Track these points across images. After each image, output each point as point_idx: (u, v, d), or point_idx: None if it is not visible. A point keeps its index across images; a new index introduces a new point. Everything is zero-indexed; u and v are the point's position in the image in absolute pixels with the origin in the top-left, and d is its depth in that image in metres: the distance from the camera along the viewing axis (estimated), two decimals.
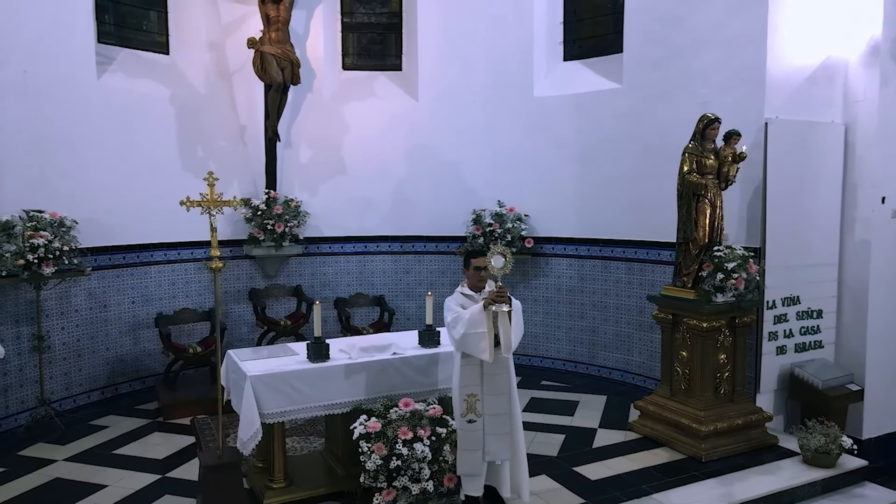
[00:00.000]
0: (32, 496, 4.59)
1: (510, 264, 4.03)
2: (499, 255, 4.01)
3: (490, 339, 3.96)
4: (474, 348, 3.97)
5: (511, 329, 3.96)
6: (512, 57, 7.78)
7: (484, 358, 3.98)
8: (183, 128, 7.32)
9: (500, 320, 3.95)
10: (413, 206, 8.18)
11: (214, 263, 4.24)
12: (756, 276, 5.26)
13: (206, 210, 4.30)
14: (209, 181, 4.35)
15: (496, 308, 3.91)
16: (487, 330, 3.95)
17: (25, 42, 5.94)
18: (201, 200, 4.31)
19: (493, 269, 4.00)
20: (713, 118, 5.35)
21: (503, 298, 3.93)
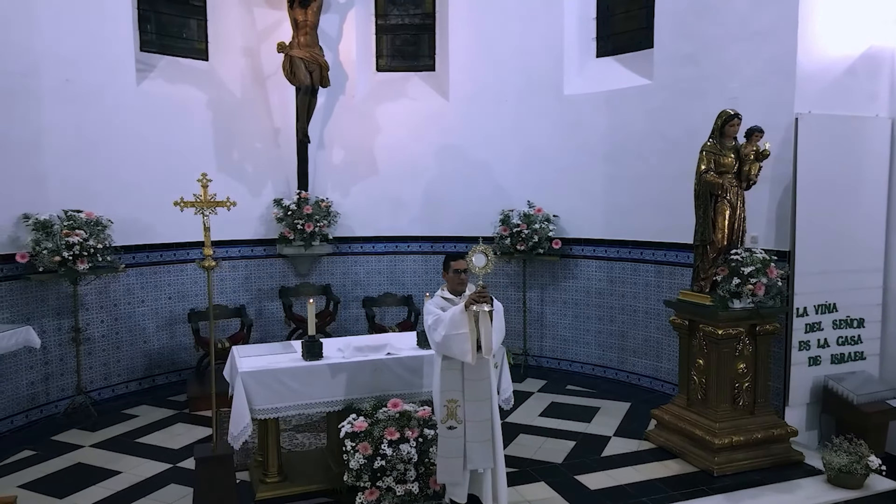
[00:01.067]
0: (52, 479, 4.89)
1: (492, 263, 3.97)
2: (480, 254, 3.95)
3: (473, 340, 3.90)
4: (457, 350, 3.92)
5: (494, 332, 3.89)
6: (542, 55, 7.64)
7: (466, 360, 3.93)
8: (219, 131, 7.61)
9: (481, 321, 3.88)
10: (443, 207, 8.18)
11: (208, 262, 4.37)
12: (778, 281, 4.95)
13: (200, 210, 4.39)
14: (203, 182, 4.46)
15: (477, 308, 3.85)
16: (469, 331, 3.89)
17: (68, 53, 6.32)
18: (195, 201, 4.39)
19: (474, 267, 3.94)
20: (732, 114, 5.08)
21: (485, 298, 3.87)
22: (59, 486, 4.76)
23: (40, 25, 6.09)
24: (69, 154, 6.37)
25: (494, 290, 7.90)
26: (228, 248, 7.75)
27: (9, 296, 5.91)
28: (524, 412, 6.30)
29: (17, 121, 5.96)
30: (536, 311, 7.94)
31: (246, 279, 7.89)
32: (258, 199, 7.89)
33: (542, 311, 7.92)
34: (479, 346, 3.92)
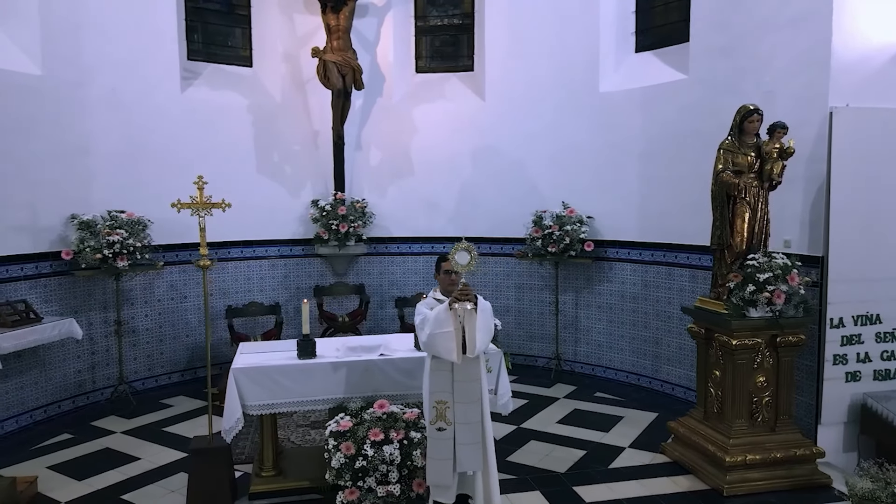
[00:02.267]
0: (78, 461, 5.24)
1: (475, 261, 3.90)
2: (463, 252, 3.89)
3: (457, 339, 3.86)
4: (442, 349, 3.88)
5: (476, 330, 3.82)
6: (578, 52, 7.44)
7: (452, 359, 3.89)
8: (259, 134, 7.90)
9: (466, 320, 3.83)
10: (478, 207, 8.13)
11: (203, 262, 4.54)
12: (800, 289, 4.57)
13: (196, 212, 4.55)
14: (199, 185, 4.61)
15: (459, 307, 3.81)
16: (455, 330, 3.85)
17: (115, 62, 6.75)
18: (191, 203, 4.57)
19: (456, 265, 3.90)
20: (751, 109, 4.75)
21: (467, 296, 3.81)
22: (82, 468, 5.09)
23: (88, 39, 6.53)
24: (115, 158, 6.79)
25: (529, 292, 7.87)
26: (268, 248, 8.03)
27: (58, 290, 6.38)
28: (542, 418, 6.16)
29: (67, 127, 6.43)
30: (571, 314, 7.73)
31: (285, 277, 8.15)
32: (297, 200, 8.12)
33: (577, 315, 7.70)
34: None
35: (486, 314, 3.89)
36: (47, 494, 4.63)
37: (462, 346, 3.86)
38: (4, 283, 5.88)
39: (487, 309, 3.92)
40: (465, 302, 3.76)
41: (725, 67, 6.04)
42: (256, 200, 7.83)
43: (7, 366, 5.83)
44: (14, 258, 5.97)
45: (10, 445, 5.60)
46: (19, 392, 6.02)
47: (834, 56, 4.97)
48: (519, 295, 8.08)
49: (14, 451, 5.47)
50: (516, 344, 8.14)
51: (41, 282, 6.22)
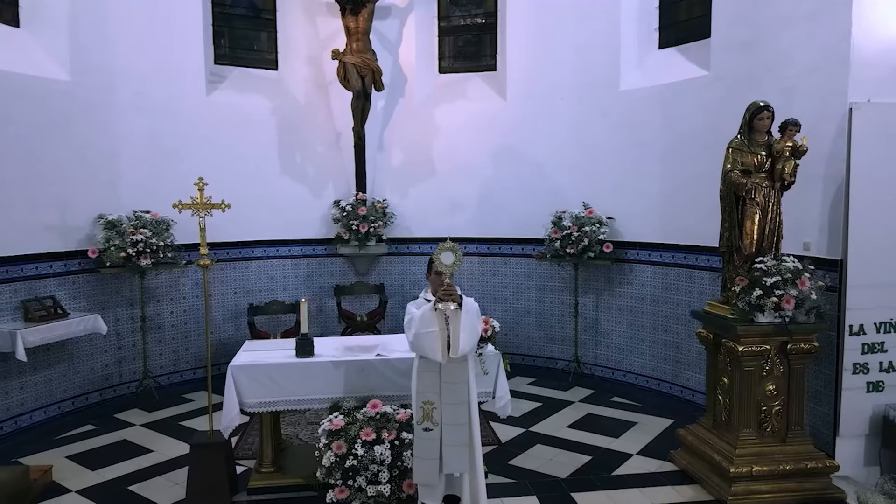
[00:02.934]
0: (96, 452, 5.45)
1: (460, 261, 3.88)
2: (448, 252, 3.88)
3: (442, 339, 3.84)
4: (427, 349, 3.88)
5: (460, 330, 3.79)
6: (599, 50, 7.30)
7: (437, 359, 3.88)
8: (284, 136, 8.05)
9: (451, 320, 3.81)
10: (499, 208, 8.08)
11: (203, 261, 4.64)
12: (811, 293, 4.36)
13: (196, 212, 4.66)
14: (199, 186, 4.72)
15: (443, 307, 3.79)
16: (440, 330, 3.84)
17: (142, 68, 6.99)
18: (192, 203, 4.68)
19: (440, 265, 3.88)
20: (761, 106, 4.56)
21: (450, 296, 3.80)
22: (97, 459, 5.29)
23: (116, 45, 6.78)
24: (142, 160, 7.03)
25: (550, 294, 7.78)
26: (291, 247, 8.18)
27: (86, 287, 6.65)
28: (553, 422, 6.07)
29: (96, 131, 6.69)
30: (591, 317, 7.60)
31: (308, 277, 8.28)
32: (319, 201, 8.24)
33: (597, 317, 7.56)
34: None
35: (472, 314, 3.85)
36: (61, 483, 4.83)
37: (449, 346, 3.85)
38: (35, 280, 6.16)
39: (473, 309, 3.88)
40: (448, 302, 3.74)
41: (746, 63, 5.82)
42: (280, 201, 8.00)
43: (36, 358, 6.12)
44: (44, 256, 6.25)
45: (37, 435, 5.87)
46: (48, 384, 6.30)
47: (854, 50, 4.73)
48: (540, 296, 7.99)
49: (39, 440, 5.73)
50: (536, 346, 8.05)
51: (70, 279, 6.49)
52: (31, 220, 6.14)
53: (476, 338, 3.87)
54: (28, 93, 6.09)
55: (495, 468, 5.02)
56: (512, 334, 8.18)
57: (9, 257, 5.92)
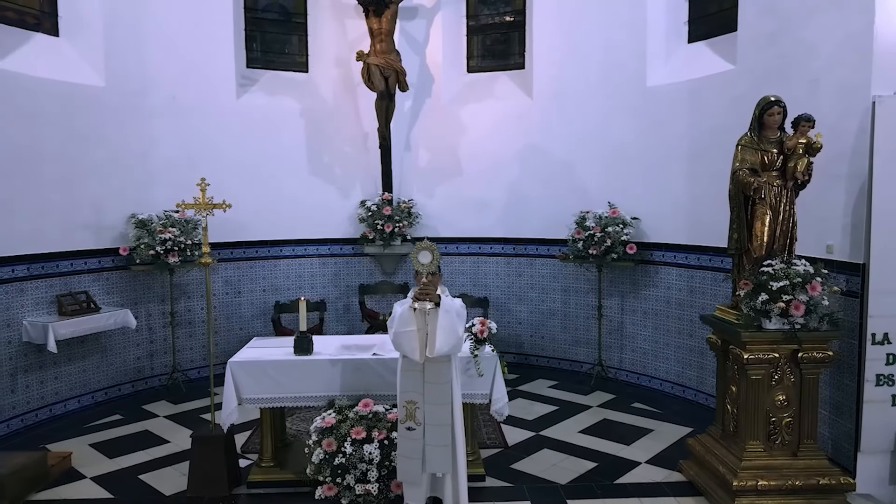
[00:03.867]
0: (117, 441, 5.70)
1: (438, 260, 3.89)
2: (425, 251, 3.89)
3: (421, 338, 3.85)
4: (406, 347, 3.89)
5: (437, 329, 3.77)
6: (626, 46, 7.11)
7: (415, 358, 3.89)
8: (311, 137, 8.20)
9: (429, 319, 3.81)
10: (526, 208, 7.98)
11: (205, 259, 4.77)
12: (823, 299, 4.11)
13: (198, 212, 4.80)
14: (201, 186, 4.85)
15: (419, 305, 3.80)
16: (418, 329, 3.84)
17: (174, 73, 7.26)
18: (194, 203, 4.82)
19: (417, 264, 3.89)
20: (772, 100, 4.33)
21: (426, 295, 3.79)
22: (117, 447, 5.54)
23: (149, 51, 7.07)
24: (174, 161, 7.29)
25: (575, 296, 7.65)
26: (319, 246, 8.32)
27: (119, 283, 6.96)
28: (566, 426, 5.95)
29: (129, 134, 7.00)
30: (616, 320, 7.40)
31: (335, 275, 8.40)
32: (347, 201, 8.34)
33: (622, 320, 7.36)
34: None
35: (450, 315, 3.82)
36: (79, 469, 5.08)
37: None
38: (70, 276, 6.50)
39: (452, 309, 3.85)
40: (424, 301, 3.74)
41: (772, 55, 5.54)
42: (308, 201, 8.15)
43: (71, 350, 6.46)
44: (79, 253, 6.58)
45: (69, 423, 6.18)
46: (82, 375, 6.63)
47: (877, 39, 4.42)
48: (565, 298, 7.85)
49: (70, 428, 6.04)
50: (561, 349, 7.91)
51: (104, 275, 6.82)
52: (67, 219, 6.47)
53: (455, 338, 3.83)
54: (66, 99, 6.42)
55: (496, 471, 4.95)
56: (537, 336, 8.07)
57: (45, 254, 6.25)
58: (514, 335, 8.22)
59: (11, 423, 5.93)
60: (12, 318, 5.95)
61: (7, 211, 5.87)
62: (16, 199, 5.96)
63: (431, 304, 3.76)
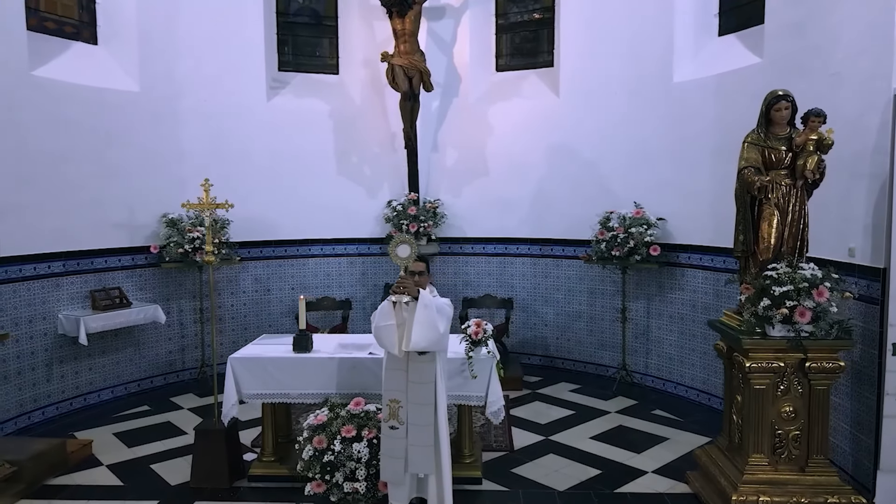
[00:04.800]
0: (139, 431, 5.94)
1: (415, 253, 3.90)
2: (405, 245, 3.92)
3: (400, 333, 3.86)
4: (386, 342, 3.93)
5: (414, 323, 3.76)
6: (653, 40, 6.90)
7: (394, 352, 3.92)
8: (340, 137, 8.32)
9: (407, 313, 3.81)
10: (551, 208, 7.86)
11: (208, 257, 4.91)
12: (831, 306, 3.86)
13: (203, 211, 4.94)
14: (205, 187, 4.99)
15: (395, 298, 3.82)
16: (397, 324, 3.86)
17: (206, 77, 7.51)
18: (199, 203, 4.96)
19: (396, 258, 3.92)
20: (779, 95, 4.10)
21: (401, 289, 3.79)
22: (137, 437, 5.78)
23: (181, 57, 7.33)
24: (205, 162, 7.51)
25: (601, 298, 7.50)
26: (347, 246, 8.44)
27: (151, 279, 7.26)
28: (578, 432, 5.81)
29: (163, 136, 7.29)
30: (642, 323, 7.18)
31: (363, 275, 8.50)
32: (375, 201, 8.42)
33: (648, 324, 7.13)
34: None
35: (429, 310, 3.79)
36: (98, 457, 5.33)
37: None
38: (104, 273, 6.83)
39: (432, 305, 3.82)
40: (401, 294, 3.75)
41: (796, 48, 5.25)
42: (337, 201, 8.27)
43: (105, 343, 6.79)
44: (114, 251, 6.90)
45: (100, 412, 6.50)
46: (115, 367, 6.95)
47: None
48: (591, 300, 7.67)
49: (100, 417, 6.34)
50: (587, 352, 7.74)
51: (137, 272, 7.13)
52: (102, 218, 6.79)
53: (434, 334, 3.80)
54: (102, 103, 6.75)
55: (495, 475, 4.89)
56: (563, 338, 7.93)
57: (80, 251, 6.59)
58: (539, 337, 8.10)
59: (46, 410, 6.29)
60: (48, 311, 6.30)
61: (44, 210, 6.21)
62: (52, 199, 6.30)
63: (409, 297, 3.76)
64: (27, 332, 6.10)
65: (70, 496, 4.64)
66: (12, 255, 5.94)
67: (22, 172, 6.02)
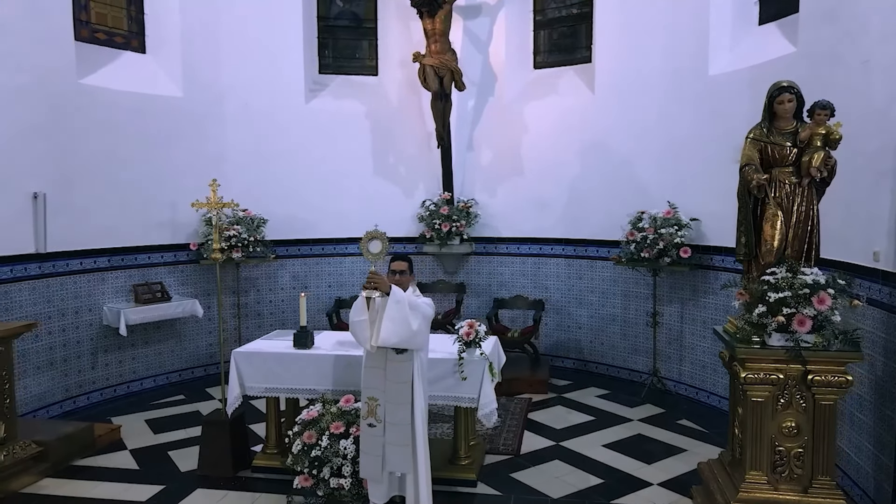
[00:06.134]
0: (168, 419, 6.27)
1: (386, 249, 3.93)
2: (376, 241, 3.96)
3: (372, 328, 3.89)
4: (360, 337, 4.00)
5: (384, 318, 3.77)
6: (688, 32, 6.59)
7: (366, 347, 3.96)
8: (377, 138, 8.44)
9: (378, 308, 3.84)
10: (586, 207, 7.66)
11: (215, 255, 5.10)
12: (834, 314, 3.55)
13: (210, 211, 5.13)
14: (213, 187, 5.18)
15: (366, 293, 3.85)
16: (369, 320, 3.90)
17: (246, 81, 7.81)
18: (206, 202, 5.15)
19: (367, 254, 3.96)
20: (783, 86, 3.83)
21: (371, 284, 3.81)
22: (165, 425, 6.10)
23: (224, 64, 7.67)
24: (246, 164, 7.86)
25: (636, 301, 7.32)
26: None
27: (192, 275, 7.64)
28: (591, 439, 5.63)
29: (205, 140, 7.64)
30: (675, 329, 6.87)
31: None
32: (411, 200, 8.48)
33: (682, 329, 6.82)
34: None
35: (402, 306, 3.79)
36: (125, 441, 5.66)
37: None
38: (147, 268, 7.24)
39: (405, 301, 3.82)
40: (371, 290, 3.77)
41: (828, 35, 4.88)
42: (373, 200, 8.38)
43: (148, 335, 7.21)
44: (157, 247, 7.31)
45: (140, 400, 6.90)
46: (158, 357, 7.36)
47: None
48: (625, 303, 7.42)
49: (138, 404, 6.74)
50: (621, 357, 7.49)
51: (179, 268, 7.51)
52: (146, 216, 7.20)
53: (405, 331, 3.79)
54: (147, 109, 7.15)
55: (492, 479, 4.83)
56: (597, 342, 7.71)
57: (125, 248, 7.02)
58: (573, 340, 7.91)
59: (91, 395, 6.74)
60: (94, 303, 6.75)
61: (91, 209, 6.65)
62: (99, 198, 6.73)
63: (379, 293, 3.78)
64: (73, 323, 6.56)
65: (88, 477, 4.95)
66: (60, 251, 6.39)
67: (71, 174, 6.47)
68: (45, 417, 6.15)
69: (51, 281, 6.33)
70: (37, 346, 6.19)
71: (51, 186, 6.24)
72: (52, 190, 6.26)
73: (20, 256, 6.02)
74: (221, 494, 4.66)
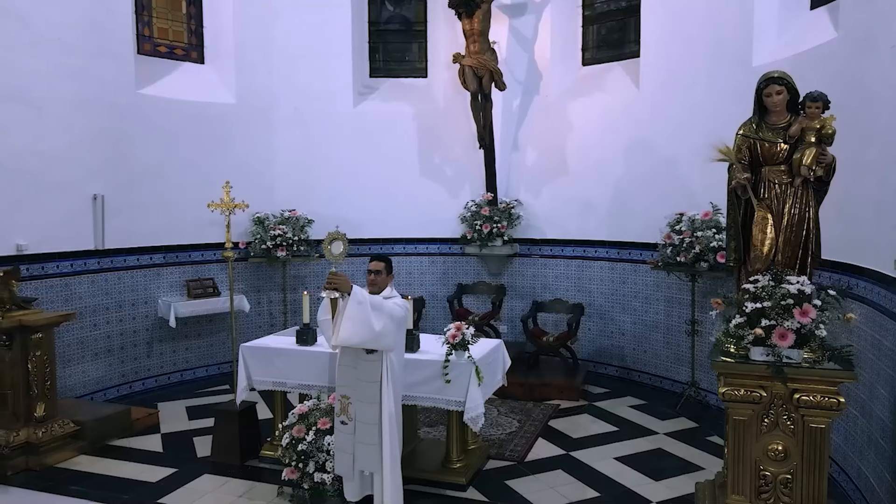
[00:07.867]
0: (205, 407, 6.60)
1: (346, 250, 3.99)
2: (338, 241, 4.02)
3: (335, 327, 3.96)
4: (326, 335, 4.12)
5: (344, 318, 3.83)
6: (733, 21, 6.18)
7: (330, 345, 4.07)
8: (424, 139, 8.52)
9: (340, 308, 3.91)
10: (629, 208, 7.35)
11: (227, 254, 5.35)
12: (818, 328, 3.20)
13: (223, 211, 5.39)
14: (226, 188, 5.43)
15: (326, 294, 3.93)
16: (332, 320, 3.98)
17: (297, 87, 8.15)
18: (220, 203, 5.42)
19: (330, 254, 4.04)
20: (772, 77, 3.52)
21: (330, 284, 3.88)
22: (200, 412, 6.48)
23: (274, 70, 8.04)
24: (295, 166, 8.19)
25: (679, 308, 7.00)
26: (428, 245, 8.62)
27: (243, 273, 8.06)
28: (604, 450, 5.40)
29: (257, 144, 8.05)
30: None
31: (444, 274, 8.62)
32: (456, 201, 8.48)
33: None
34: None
35: (364, 306, 3.82)
36: (161, 425, 6.08)
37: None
38: (201, 265, 7.74)
39: (367, 302, 3.84)
40: (331, 290, 3.84)
41: (866, 18, 4.42)
42: (419, 201, 8.49)
43: (200, 327, 7.71)
44: (209, 245, 7.78)
45: (188, 387, 7.38)
46: (209, 349, 7.84)
47: None
48: (668, 310, 7.04)
49: (186, 391, 7.21)
50: (663, 365, 7.11)
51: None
52: (200, 216, 7.56)
53: (367, 332, 3.82)
54: (203, 116, 7.64)
55: (484, 484, 4.76)
56: (640, 349, 7.37)
57: (179, 245, 7.54)
58: (616, 346, 7.60)
59: (146, 381, 7.29)
60: (150, 296, 7.30)
61: (149, 209, 7.19)
62: (156, 200, 7.27)
63: (337, 294, 3.84)
64: (130, 314, 7.13)
65: (119, 456, 5.37)
66: (118, 248, 6.96)
67: (130, 177, 7.04)
68: (101, 400, 6.72)
69: (108, 275, 6.91)
70: (95, 334, 6.78)
71: (109, 188, 6.82)
72: (111, 191, 6.83)
73: (80, 252, 6.63)
74: (224, 481, 4.90)
